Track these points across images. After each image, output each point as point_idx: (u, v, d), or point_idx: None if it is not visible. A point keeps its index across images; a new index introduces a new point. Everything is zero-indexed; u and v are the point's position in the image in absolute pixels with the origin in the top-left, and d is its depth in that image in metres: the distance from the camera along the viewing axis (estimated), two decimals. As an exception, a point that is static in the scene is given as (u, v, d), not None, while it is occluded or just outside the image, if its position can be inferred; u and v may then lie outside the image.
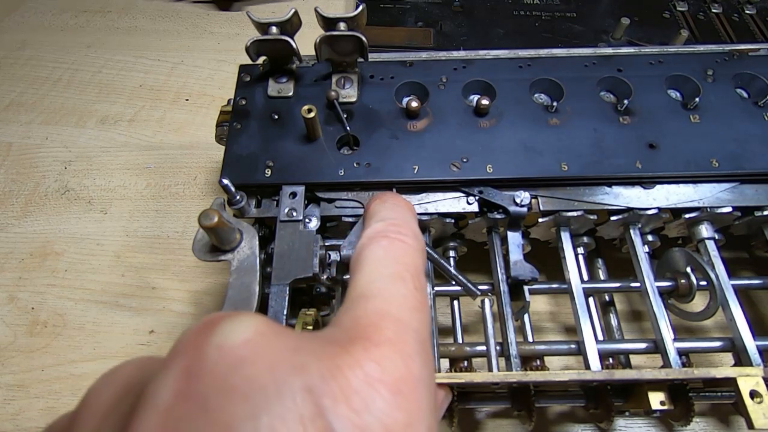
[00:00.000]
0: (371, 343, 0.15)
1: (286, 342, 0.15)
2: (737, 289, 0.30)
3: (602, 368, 0.28)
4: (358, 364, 0.14)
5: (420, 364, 0.16)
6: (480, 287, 0.31)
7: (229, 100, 0.37)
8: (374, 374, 0.14)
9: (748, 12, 0.53)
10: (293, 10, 0.33)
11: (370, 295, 0.17)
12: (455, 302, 0.33)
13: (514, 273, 0.31)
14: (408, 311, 0.17)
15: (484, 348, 0.30)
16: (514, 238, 0.32)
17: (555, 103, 0.34)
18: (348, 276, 0.24)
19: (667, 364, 0.29)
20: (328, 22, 0.33)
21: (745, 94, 0.36)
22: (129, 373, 0.16)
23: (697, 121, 0.34)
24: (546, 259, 0.35)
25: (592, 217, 0.32)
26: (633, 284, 0.32)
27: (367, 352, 0.15)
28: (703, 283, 0.31)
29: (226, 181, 0.31)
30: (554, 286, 0.33)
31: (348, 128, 0.33)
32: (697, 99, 0.34)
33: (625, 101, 0.34)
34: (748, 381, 0.26)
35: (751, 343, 0.28)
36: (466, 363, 0.30)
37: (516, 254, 0.32)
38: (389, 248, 0.19)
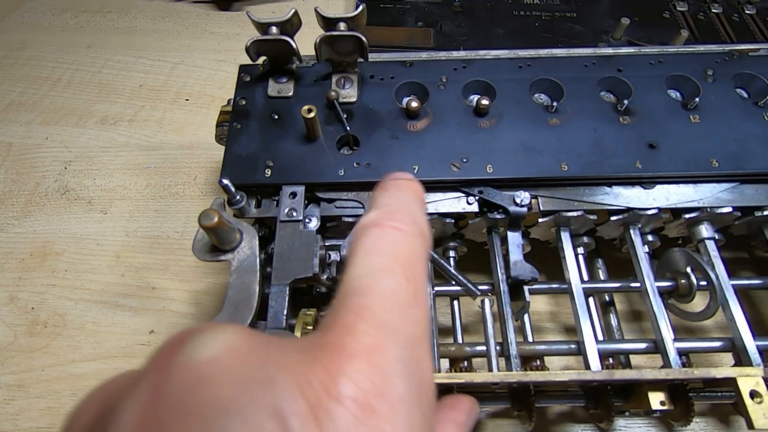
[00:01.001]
0: (345, 353, 0.13)
1: (259, 355, 0.14)
2: (737, 289, 0.30)
3: (602, 368, 0.28)
4: (328, 377, 0.13)
5: (403, 375, 0.14)
6: (480, 287, 0.31)
7: (229, 100, 0.37)
8: (345, 390, 0.12)
9: (748, 12, 0.53)
10: (293, 10, 0.33)
11: (353, 293, 0.16)
12: (455, 302, 0.33)
13: (514, 273, 0.31)
14: (393, 309, 0.15)
15: (484, 348, 0.30)
16: (514, 238, 0.32)
17: (555, 103, 0.34)
18: None
19: (667, 364, 0.29)
20: (328, 22, 0.33)
21: (745, 94, 0.36)
22: (107, 393, 0.15)
23: (697, 121, 0.34)
24: (546, 259, 0.35)
25: (592, 217, 0.32)
26: (633, 284, 0.32)
27: (339, 364, 0.13)
28: (703, 283, 0.31)
29: (226, 181, 0.31)
30: (554, 286, 0.33)
31: (348, 128, 0.33)
32: (697, 99, 0.34)
33: (625, 101, 0.34)
34: (748, 381, 0.26)
35: (751, 343, 0.28)
36: (466, 363, 0.30)
37: (516, 254, 0.32)
38: (380, 238, 0.17)
